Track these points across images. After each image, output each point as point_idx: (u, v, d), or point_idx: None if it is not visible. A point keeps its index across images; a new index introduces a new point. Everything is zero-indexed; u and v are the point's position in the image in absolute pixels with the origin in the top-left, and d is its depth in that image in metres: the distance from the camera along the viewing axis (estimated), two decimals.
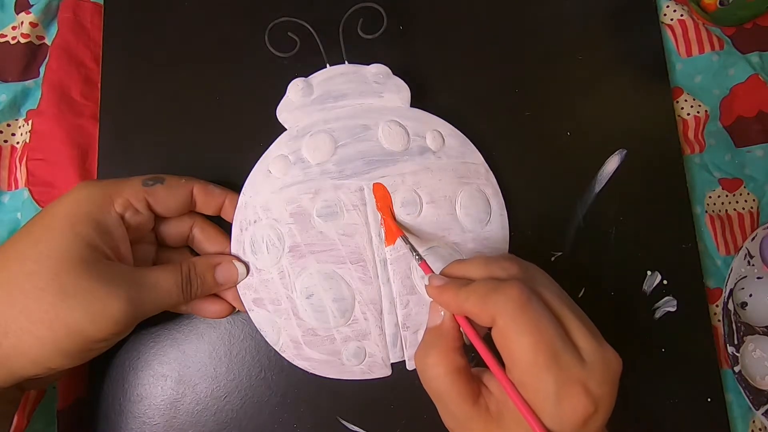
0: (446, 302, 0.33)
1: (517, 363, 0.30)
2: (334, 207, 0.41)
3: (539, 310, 0.30)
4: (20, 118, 0.47)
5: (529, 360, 0.29)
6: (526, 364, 0.29)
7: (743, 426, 0.48)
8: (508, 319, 0.30)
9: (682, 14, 0.52)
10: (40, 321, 0.32)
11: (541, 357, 0.29)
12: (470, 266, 0.34)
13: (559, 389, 0.29)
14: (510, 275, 0.33)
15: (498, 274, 0.33)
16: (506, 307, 0.30)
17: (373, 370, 0.42)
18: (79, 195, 0.36)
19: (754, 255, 0.49)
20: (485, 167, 0.44)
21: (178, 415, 0.43)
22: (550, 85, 0.49)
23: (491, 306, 0.30)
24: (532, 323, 0.29)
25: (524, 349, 0.29)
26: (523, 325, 0.29)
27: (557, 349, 0.29)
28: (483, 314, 0.31)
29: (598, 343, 0.31)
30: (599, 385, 0.29)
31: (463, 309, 0.32)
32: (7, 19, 0.48)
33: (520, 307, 0.29)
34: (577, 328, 0.31)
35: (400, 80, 0.43)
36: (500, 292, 0.30)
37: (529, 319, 0.29)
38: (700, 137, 0.51)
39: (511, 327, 0.29)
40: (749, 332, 0.49)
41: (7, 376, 0.33)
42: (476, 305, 0.31)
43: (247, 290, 0.41)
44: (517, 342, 0.29)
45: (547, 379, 0.29)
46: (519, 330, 0.29)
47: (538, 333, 0.29)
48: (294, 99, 0.42)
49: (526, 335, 0.29)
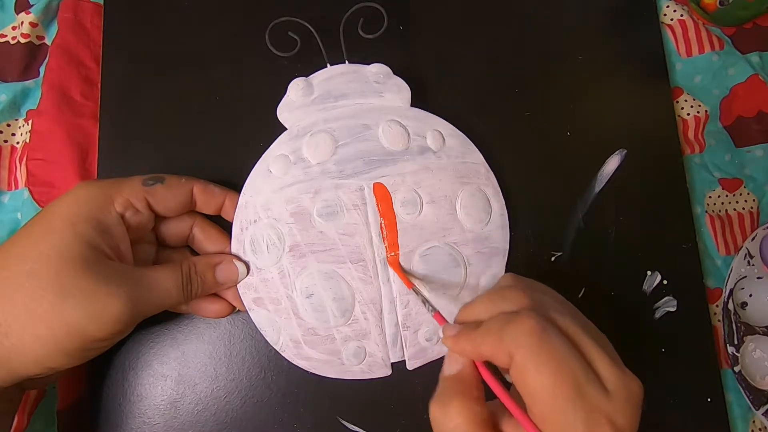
0: (462, 349, 0.32)
1: (538, 399, 0.28)
2: (334, 206, 0.41)
3: (557, 339, 0.29)
4: (20, 118, 0.47)
5: (550, 395, 0.28)
6: (548, 399, 0.28)
7: (743, 426, 0.48)
8: (525, 353, 0.28)
9: (682, 14, 0.52)
10: (41, 320, 0.32)
11: (564, 390, 0.27)
12: (478, 306, 0.33)
13: (585, 425, 0.27)
14: (520, 306, 0.31)
15: (507, 308, 0.32)
16: (522, 341, 0.28)
17: (373, 369, 0.42)
18: (80, 194, 0.36)
19: (754, 255, 0.49)
20: (485, 167, 0.44)
21: (178, 415, 0.43)
22: (550, 85, 0.49)
23: (507, 342, 0.29)
24: (551, 355, 0.28)
25: (545, 383, 0.28)
26: (541, 358, 0.28)
27: (580, 381, 0.28)
28: (500, 353, 0.29)
29: (620, 369, 0.29)
30: (624, 416, 0.28)
31: (480, 352, 0.31)
32: (7, 19, 0.48)
33: (537, 340, 0.28)
34: (597, 355, 0.29)
35: (400, 80, 0.43)
36: (514, 326, 0.29)
37: (548, 351, 0.28)
38: (700, 137, 0.51)
39: (529, 361, 0.28)
40: (749, 332, 0.49)
41: (7, 376, 0.33)
42: (491, 345, 0.30)
43: (247, 290, 0.41)
44: (536, 376, 0.28)
45: (573, 414, 0.27)
46: (538, 363, 0.28)
47: (558, 365, 0.28)
48: (294, 98, 0.42)
49: (545, 368, 0.28)
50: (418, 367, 0.43)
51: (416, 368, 0.43)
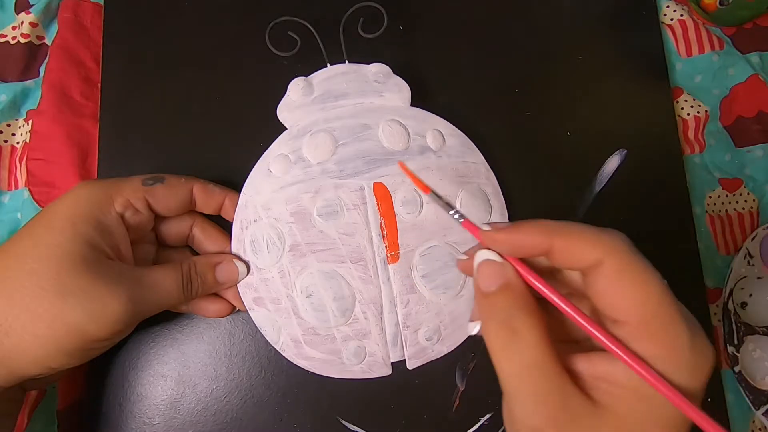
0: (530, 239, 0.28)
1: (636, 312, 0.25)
2: (334, 206, 0.41)
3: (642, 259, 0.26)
4: (20, 118, 0.47)
5: (655, 306, 0.25)
6: (652, 311, 0.25)
7: (743, 426, 0.48)
8: (623, 261, 0.25)
9: (682, 14, 0.52)
10: (41, 320, 0.32)
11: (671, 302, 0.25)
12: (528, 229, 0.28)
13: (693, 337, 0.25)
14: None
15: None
16: (622, 246, 0.26)
17: (374, 369, 0.42)
18: (79, 194, 0.36)
19: (754, 255, 0.49)
20: (485, 166, 0.44)
21: (178, 415, 0.43)
22: (550, 85, 0.49)
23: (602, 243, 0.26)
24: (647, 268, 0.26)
25: (651, 292, 0.25)
26: (644, 267, 0.25)
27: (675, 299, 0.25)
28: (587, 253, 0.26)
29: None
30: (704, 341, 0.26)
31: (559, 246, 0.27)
32: (7, 19, 0.48)
33: (635, 251, 0.26)
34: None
35: (400, 79, 0.43)
36: (609, 233, 0.26)
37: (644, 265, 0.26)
38: (700, 137, 0.51)
39: (626, 267, 0.25)
40: (749, 332, 0.49)
41: (8, 376, 0.33)
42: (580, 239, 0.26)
43: (247, 289, 0.41)
44: (642, 286, 0.25)
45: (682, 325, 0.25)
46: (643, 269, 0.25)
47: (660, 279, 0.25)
48: (294, 98, 0.42)
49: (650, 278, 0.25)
50: (418, 366, 0.43)
51: (416, 368, 0.43)
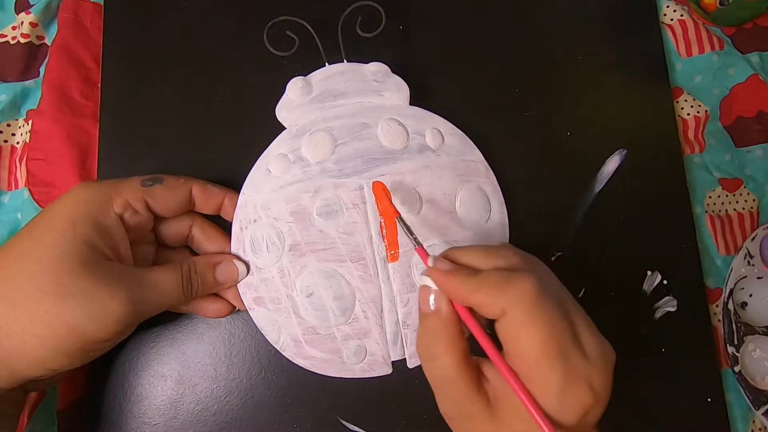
0: (452, 290, 0.32)
1: (525, 356, 0.29)
2: (333, 205, 0.41)
3: (551, 304, 0.30)
4: (20, 118, 0.47)
5: (537, 354, 0.29)
6: (535, 357, 0.29)
7: (743, 426, 0.48)
8: (520, 312, 0.29)
9: (682, 14, 0.52)
10: (41, 321, 0.32)
11: (551, 351, 0.29)
12: (471, 254, 0.33)
13: (564, 385, 0.29)
14: (512, 265, 0.32)
15: (501, 264, 0.32)
16: (520, 299, 0.29)
17: (374, 368, 0.42)
18: (79, 196, 0.36)
19: (754, 255, 0.49)
20: (485, 165, 0.44)
21: (178, 415, 0.43)
22: (550, 85, 0.49)
23: (504, 298, 0.30)
24: (545, 317, 0.29)
25: (535, 342, 0.29)
26: (535, 319, 0.29)
27: (566, 344, 0.29)
28: (493, 306, 0.30)
29: (599, 337, 0.31)
30: (600, 379, 0.29)
31: (470, 299, 0.31)
32: (7, 19, 0.48)
33: (534, 301, 0.29)
34: (581, 323, 0.31)
35: (399, 78, 0.43)
36: (514, 285, 0.30)
37: (543, 314, 0.29)
38: (700, 137, 0.51)
39: (523, 319, 0.29)
40: (749, 332, 0.49)
41: (9, 377, 0.33)
42: (488, 296, 0.30)
43: (247, 289, 0.41)
44: (528, 336, 0.29)
45: (554, 374, 0.29)
46: (531, 323, 0.29)
47: (550, 328, 0.29)
48: (293, 98, 0.42)
49: (538, 329, 0.29)
50: (418, 365, 0.43)
51: (417, 366, 0.43)
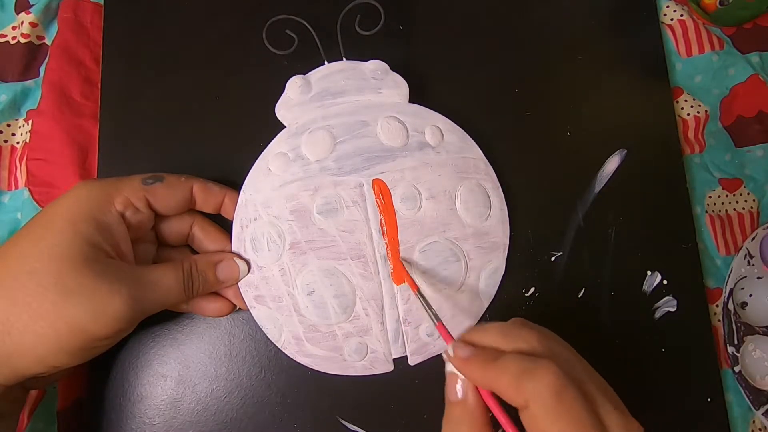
0: (474, 377, 0.32)
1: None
2: (333, 203, 0.41)
3: (573, 395, 0.29)
4: (20, 118, 0.47)
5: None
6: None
7: (743, 426, 0.48)
8: (542, 406, 0.29)
9: (682, 14, 0.52)
10: (43, 319, 0.32)
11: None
12: (491, 335, 0.33)
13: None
14: (533, 348, 0.32)
15: (522, 347, 0.32)
16: (542, 394, 0.29)
17: (375, 365, 0.42)
18: (79, 194, 0.36)
19: (754, 255, 0.49)
20: (484, 162, 0.44)
21: (178, 415, 0.43)
22: (550, 85, 0.49)
23: (525, 390, 0.29)
24: (567, 413, 0.29)
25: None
26: (558, 413, 0.29)
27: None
28: (516, 397, 0.30)
29: (624, 416, 0.30)
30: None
31: (493, 387, 0.31)
32: (7, 19, 0.48)
33: (556, 395, 0.29)
34: (605, 407, 0.30)
35: (398, 76, 0.43)
36: (536, 378, 0.29)
37: (565, 408, 0.29)
38: (700, 137, 0.51)
39: (545, 415, 0.29)
40: (749, 332, 0.49)
41: (10, 375, 0.33)
42: (509, 386, 0.30)
43: (248, 288, 0.41)
44: (550, 429, 0.29)
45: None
46: (554, 418, 0.29)
47: (573, 422, 0.29)
48: (292, 96, 0.42)
49: (561, 424, 0.28)
50: (419, 362, 0.43)
51: (418, 363, 0.43)
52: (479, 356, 0.32)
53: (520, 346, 0.32)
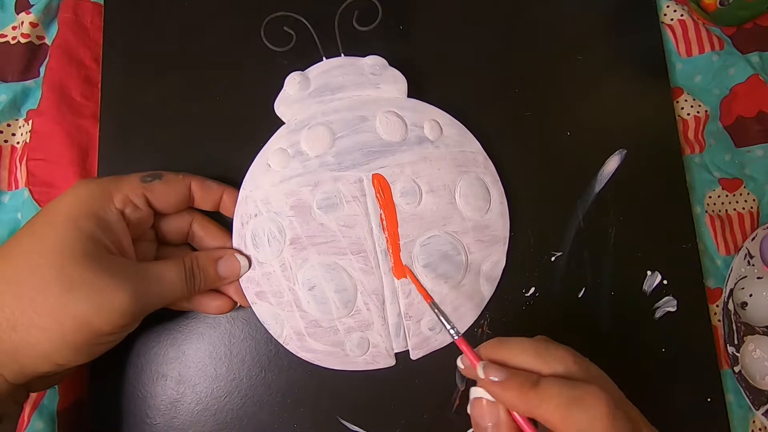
0: (513, 403, 0.31)
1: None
2: (333, 199, 0.41)
3: (624, 426, 0.29)
4: (20, 118, 0.47)
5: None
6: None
7: (743, 426, 0.48)
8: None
9: (682, 14, 0.52)
10: (48, 314, 0.32)
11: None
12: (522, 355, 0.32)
13: None
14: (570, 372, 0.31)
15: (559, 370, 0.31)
16: (595, 426, 0.29)
17: (377, 360, 0.42)
18: (80, 192, 0.36)
19: (754, 255, 0.49)
20: (483, 155, 0.44)
21: (178, 415, 0.43)
22: (550, 85, 0.49)
23: (578, 420, 0.29)
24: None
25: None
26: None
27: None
28: (564, 426, 0.29)
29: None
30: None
31: (535, 414, 0.30)
32: (7, 19, 0.48)
33: (612, 427, 0.28)
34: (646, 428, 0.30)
35: (396, 71, 0.43)
36: (587, 408, 0.29)
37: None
38: (700, 137, 0.51)
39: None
40: (749, 332, 0.49)
41: (18, 372, 0.33)
42: (555, 415, 0.29)
43: (249, 284, 0.41)
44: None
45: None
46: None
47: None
48: (291, 92, 0.42)
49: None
50: (421, 356, 0.43)
51: (419, 358, 0.43)
52: (515, 380, 0.31)
53: (556, 368, 0.31)
